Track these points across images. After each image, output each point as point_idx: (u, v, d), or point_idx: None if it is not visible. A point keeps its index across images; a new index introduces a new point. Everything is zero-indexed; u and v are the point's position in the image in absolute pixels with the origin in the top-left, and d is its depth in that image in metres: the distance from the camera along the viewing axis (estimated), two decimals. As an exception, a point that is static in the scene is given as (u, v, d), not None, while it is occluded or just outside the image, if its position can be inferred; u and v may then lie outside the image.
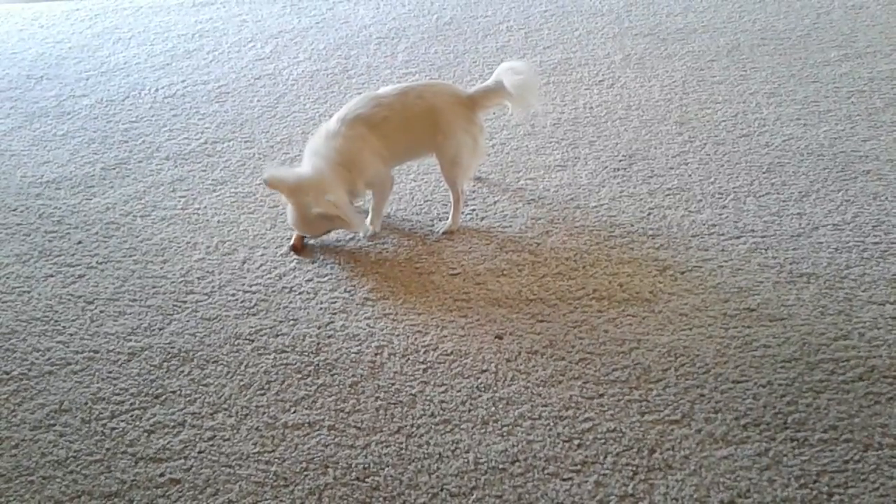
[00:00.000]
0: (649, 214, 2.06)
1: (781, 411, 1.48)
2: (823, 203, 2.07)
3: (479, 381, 1.58)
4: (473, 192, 2.18)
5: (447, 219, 2.05)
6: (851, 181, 2.15)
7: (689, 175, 2.22)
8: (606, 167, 2.28)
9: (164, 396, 1.58)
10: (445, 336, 1.70)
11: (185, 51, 3.20)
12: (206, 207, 2.18)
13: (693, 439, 1.44)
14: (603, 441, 1.44)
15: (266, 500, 1.36)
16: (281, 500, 1.36)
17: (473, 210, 2.11)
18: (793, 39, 3.00)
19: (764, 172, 2.21)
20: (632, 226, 2.02)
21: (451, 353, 1.65)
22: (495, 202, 2.15)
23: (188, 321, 1.77)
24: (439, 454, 1.43)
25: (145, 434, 1.50)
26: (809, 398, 1.50)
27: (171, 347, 1.70)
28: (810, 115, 2.48)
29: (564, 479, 1.38)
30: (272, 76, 2.93)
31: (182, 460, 1.44)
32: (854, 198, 2.08)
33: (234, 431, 1.49)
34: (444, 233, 2.02)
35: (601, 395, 1.54)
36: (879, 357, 1.58)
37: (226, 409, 1.54)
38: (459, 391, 1.56)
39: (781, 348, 1.62)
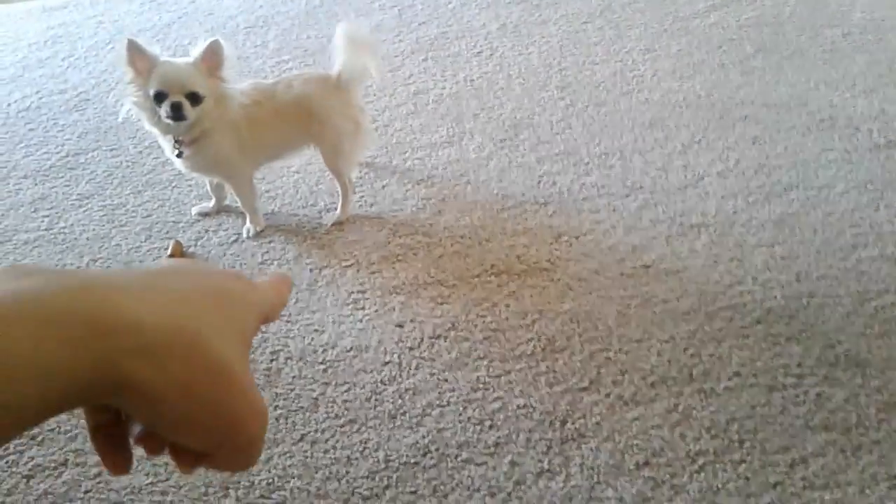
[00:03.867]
0: (539, 182, 2.03)
1: (686, 364, 1.48)
2: (706, 153, 2.09)
3: (383, 374, 1.52)
4: (361, 178, 2.10)
5: (335, 210, 1.97)
6: (730, 128, 2.18)
7: (575, 139, 2.20)
8: (493, 139, 2.24)
9: (41, 436, 1.44)
10: (343, 332, 1.62)
11: (38, 59, 2.98)
12: (72, 225, 2.02)
13: (603, 405, 1.42)
14: (514, 419, 1.41)
15: (165, 532, 1.27)
16: (181, 531, 1.26)
17: (362, 197, 2.03)
18: (662, -6, 3.03)
19: (647, 128, 2.22)
20: (523, 195, 1.99)
21: (351, 348, 1.58)
22: (384, 186, 2.08)
23: (62, 350, 1.63)
24: (347, 457, 1.36)
25: (24, 480, 1.37)
26: (711, 348, 1.51)
27: (46, 381, 1.56)
28: (685, 67, 2.51)
29: (479, 464, 1.33)
30: (135, 78, 2.75)
31: (67, 503, 1.32)
32: (734, 144, 2.11)
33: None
34: (333, 224, 1.94)
35: (508, 372, 1.50)
36: (774, 299, 1.60)
37: (111, 441, 1.42)
38: (363, 388, 1.49)
39: (680, 302, 1.62)
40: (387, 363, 1.54)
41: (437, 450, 1.36)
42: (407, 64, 2.69)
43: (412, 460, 1.35)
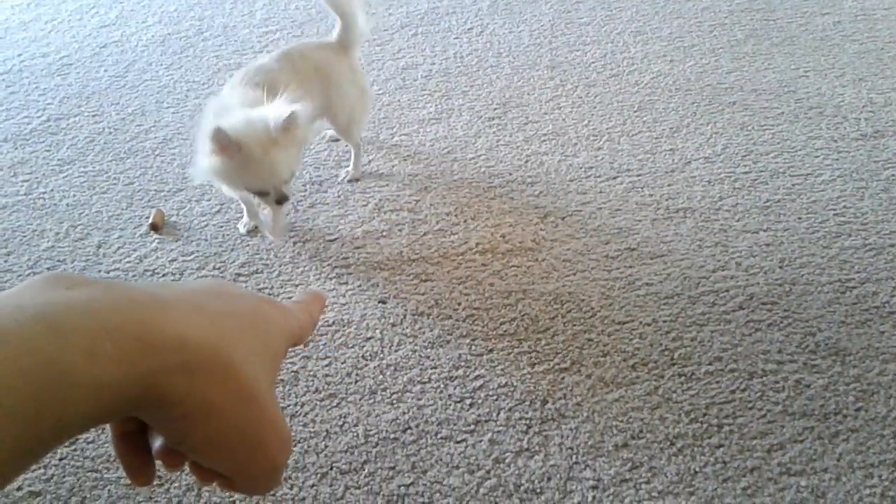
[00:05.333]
0: (527, 162, 2.02)
1: (668, 348, 1.48)
2: (694, 137, 2.08)
3: (365, 349, 1.51)
4: (346, 152, 2.08)
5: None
6: (719, 113, 2.17)
7: (564, 119, 2.19)
8: (481, 117, 2.22)
9: (16, 403, 1.43)
10: (326, 306, 1.61)
11: (21, 22, 2.92)
12: (52, 191, 1.99)
13: (584, 385, 1.42)
14: (495, 397, 1.40)
15: (140, 501, 1.25)
16: (156, 500, 1.25)
17: (347, 171, 2.01)
18: (655, -23, 3.01)
19: (635, 111, 2.21)
20: (510, 175, 1.98)
21: (333, 323, 1.57)
22: (370, 161, 2.06)
23: (39, 317, 1.60)
24: (326, 431, 1.36)
25: (-3, 447, 1.35)
26: (693, 332, 1.51)
27: (22, 348, 1.54)
28: (676, 50, 2.50)
29: (458, 442, 1.33)
30: (119, 43, 2.71)
31: (41, 470, 1.31)
32: (723, 129, 2.11)
33: (99, 432, 1.36)
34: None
35: (490, 351, 1.50)
36: (757, 284, 1.61)
37: (88, 410, 1.41)
38: (344, 363, 1.48)
39: (663, 285, 1.62)
40: (369, 339, 1.53)
41: (416, 426, 1.36)
42: (396, 38, 2.66)
43: (392, 436, 1.34)
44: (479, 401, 1.40)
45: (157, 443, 0.40)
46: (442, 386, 1.43)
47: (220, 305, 0.38)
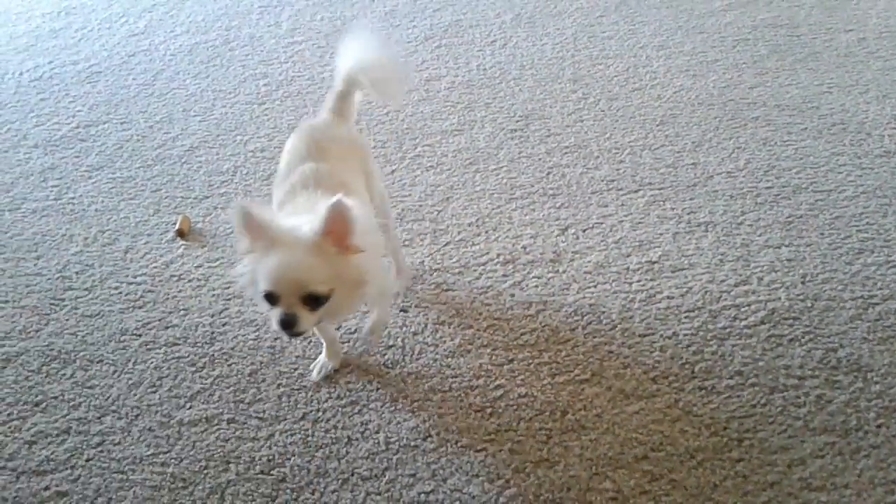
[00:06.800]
0: (548, 174, 2.04)
1: (688, 361, 1.48)
2: (716, 151, 2.09)
3: (386, 357, 1.53)
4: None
5: None
6: (742, 128, 2.18)
7: (586, 132, 2.20)
8: (503, 129, 2.24)
9: (44, 403, 1.45)
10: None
11: (51, 30, 2.97)
12: (81, 196, 2.02)
13: (604, 397, 1.42)
14: (515, 407, 1.41)
15: (164, 503, 1.27)
16: (180, 503, 1.27)
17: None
18: (678, -9, 3.02)
19: (658, 125, 2.21)
20: (532, 186, 1.99)
21: (355, 330, 1.59)
22: (393, 171, 2.08)
23: (67, 320, 1.64)
24: (348, 438, 1.37)
25: (26, 446, 1.38)
26: (714, 346, 1.51)
27: (51, 350, 1.57)
28: (699, 65, 2.51)
29: (478, 451, 1.34)
30: (148, 52, 2.76)
31: (69, 470, 1.33)
32: (745, 144, 2.11)
33: (125, 434, 1.39)
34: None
35: (511, 361, 1.51)
36: (778, 300, 1.61)
37: (114, 412, 1.43)
38: (366, 370, 1.50)
39: (685, 299, 1.63)
40: (390, 347, 1.55)
41: (437, 434, 1.37)
42: (420, 50, 2.68)
43: (412, 443, 1.35)
44: (500, 410, 1.41)
45: None
46: (462, 395, 1.44)
47: None
